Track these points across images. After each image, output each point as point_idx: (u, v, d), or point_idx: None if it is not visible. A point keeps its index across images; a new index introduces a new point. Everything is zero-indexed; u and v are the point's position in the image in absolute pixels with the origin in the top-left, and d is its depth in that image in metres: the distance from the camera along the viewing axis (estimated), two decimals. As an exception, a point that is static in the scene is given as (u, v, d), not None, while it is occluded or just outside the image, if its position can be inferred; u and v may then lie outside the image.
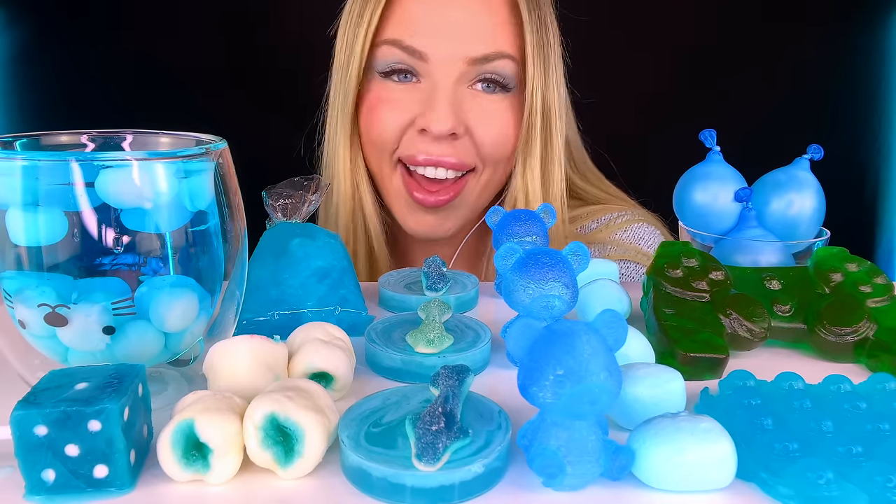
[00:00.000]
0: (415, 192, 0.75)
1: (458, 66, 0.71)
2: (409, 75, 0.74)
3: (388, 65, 0.74)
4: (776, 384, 0.40)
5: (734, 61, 1.09)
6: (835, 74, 1.11)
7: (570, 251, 0.39)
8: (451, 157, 0.73)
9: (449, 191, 0.75)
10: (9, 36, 1.06)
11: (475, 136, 0.74)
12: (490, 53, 0.72)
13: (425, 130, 0.72)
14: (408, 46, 0.72)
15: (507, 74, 0.73)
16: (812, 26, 1.08)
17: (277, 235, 0.52)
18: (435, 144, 0.73)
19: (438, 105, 0.71)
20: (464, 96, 0.73)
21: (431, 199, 0.75)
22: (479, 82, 0.73)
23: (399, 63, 0.73)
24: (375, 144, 0.76)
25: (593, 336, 0.30)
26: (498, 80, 0.73)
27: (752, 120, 1.04)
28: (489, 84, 0.74)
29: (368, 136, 0.77)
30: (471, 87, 0.73)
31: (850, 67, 1.12)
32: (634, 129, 1.08)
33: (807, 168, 0.59)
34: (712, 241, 0.60)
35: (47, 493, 0.31)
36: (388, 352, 0.44)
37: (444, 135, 0.71)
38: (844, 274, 0.50)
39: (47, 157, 0.37)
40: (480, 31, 0.72)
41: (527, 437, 0.33)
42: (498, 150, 0.75)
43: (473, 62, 0.72)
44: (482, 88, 0.74)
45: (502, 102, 0.75)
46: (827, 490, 0.30)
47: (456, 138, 0.73)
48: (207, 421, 0.32)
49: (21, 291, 0.38)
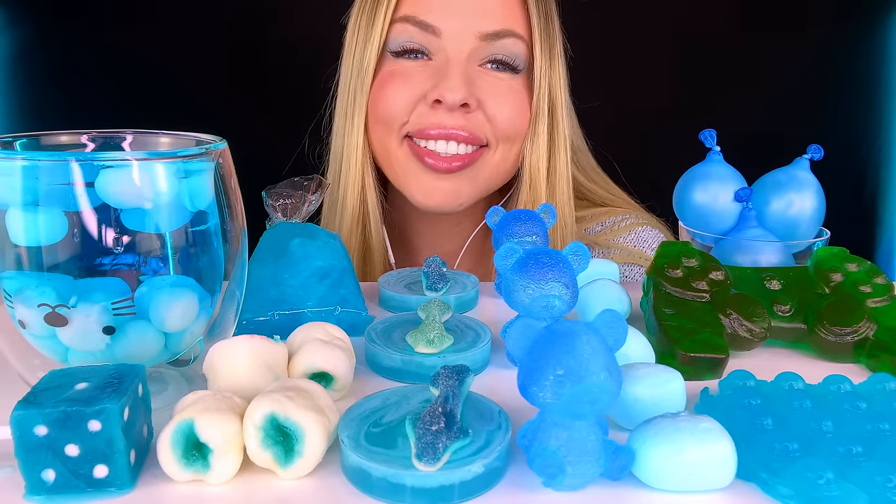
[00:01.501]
0: (426, 157, 0.74)
1: (469, 41, 0.72)
2: (421, 55, 0.74)
3: (401, 44, 0.74)
4: (776, 384, 0.40)
5: (734, 61, 1.09)
6: (835, 75, 1.11)
7: (570, 251, 0.39)
8: (463, 129, 0.72)
9: (462, 158, 0.74)
10: (9, 36, 1.06)
11: (487, 111, 0.73)
12: (500, 30, 0.73)
13: (438, 102, 0.72)
14: (421, 21, 0.72)
15: (516, 54, 0.74)
16: (812, 26, 1.09)
17: (277, 235, 0.52)
18: (448, 115, 0.72)
19: (452, 75, 0.71)
20: (475, 73, 0.73)
21: (443, 165, 0.73)
22: (488, 63, 0.74)
23: (411, 41, 0.73)
24: (383, 120, 0.75)
25: (593, 336, 0.30)
26: (507, 62, 0.74)
27: (753, 120, 1.04)
28: (499, 65, 0.74)
29: (376, 112, 0.76)
30: (481, 66, 0.74)
31: (850, 68, 1.12)
32: (634, 129, 1.08)
33: (807, 168, 0.59)
34: (712, 241, 0.60)
35: (47, 493, 0.31)
36: (388, 352, 0.44)
37: (457, 104, 0.71)
38: (844, 274, 0.50)
39: (47, 157, 0.37)
40: (492, 9, 0.73)
41: (527, 437, 0.33)
42: (511, 126, 0.75)
43: (485, 37, 0.72)
44: (492, 68, 0.74)
45: (513, 81, 0.75)
46: (827, 490, 0.30)
47: (468, 111, 0.72)
48: (207, 421, 0.32)
49: (21, 291, 0.38)
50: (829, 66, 1.11)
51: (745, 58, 1.09)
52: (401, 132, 0.75)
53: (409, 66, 0.74)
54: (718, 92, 1.06)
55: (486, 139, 0.75)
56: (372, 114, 0.76)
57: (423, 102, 0.73)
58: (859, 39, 1.12)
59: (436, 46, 0.73)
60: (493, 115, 0.74)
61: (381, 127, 0.76)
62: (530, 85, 0.76)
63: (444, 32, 0.72)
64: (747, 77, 1.10)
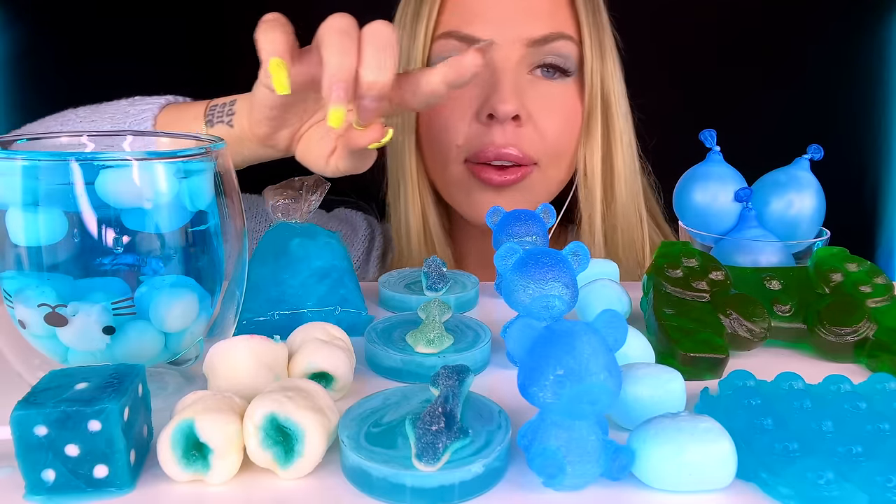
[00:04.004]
0: (482, 173, 0.72)
1: (517, 49, 0.70)
2: None
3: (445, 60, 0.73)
4: (776, 384, 0.40)
5: (734, 61, 1.09)
6: (835, 74, 1.11)
7: (570, 251, 0.39)
8: (514, 147, 0.70)
9: (515, 171, 0.71)
10: (8, 35, 1.06)
11: (539, 124, 0.71)
12: (549, 34, 0.70)
13: (491, 117, 0.69)
14: (465, 35, 0.70)
15: (567, 55, 0.72)
16: (812, 26, 1.09)
17: (277, 235, 0.52)
18: (500, 132, 0.69)
19: (502, 87, 0.69)
20: (525, 83, 0.71)
21: (498, 178, 0.71)
22: (538, 68, 0.72)
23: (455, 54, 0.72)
24: (439, 144, 0.74)
25: (593, 336, 0.30)
26: (558, 65, 0.72)
27: (752, 120, 1.04)
28: (549, 69, 0.72)
29: (428, 136, 0.74)
30: (531, 72, 0.72)
31: (850, 67, 1.12)
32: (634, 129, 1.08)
33: (807, 168, 0.59)
34: (712, 241, 0.60)
35: (47, 493, 0.31)
36: (388, 352, 0.44)
37: (509, 116, 0.68)
38: (844, 274, 0.50)
39: (47, 157, 0.37)
40: (538, 12, 0.70)
41: (527, 437, 0.33)
42: (562, 141, 0.73)
43: (533, 43, 0.70)
44: (542, 74, 0.72)
45: (564, 88, 0.73)
46: (827, 490, 0.30)
47: (520, 125, 0.70)
48: (207, 421, 0.32)
49: (21, 291, 0.38)
50: (829, 66, 1.11)
51: (745, 57, 1.09)
52: (458, 156, 0.73)
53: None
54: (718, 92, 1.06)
55: (536, 157, 0.72)
56: (425, 136, 0.75)
57: (475, 120, 0.71)
58: (859, 39, 1.12)
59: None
60: (545, 127, 0.72)
61: (434, 149, 0.74)
62: (583, 86, 0.73)
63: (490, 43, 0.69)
64: (747, 77, 1.10)
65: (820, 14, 1.08)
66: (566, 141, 0.74)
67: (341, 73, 0.45)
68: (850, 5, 1.10)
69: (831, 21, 1.09)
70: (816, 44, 1.09)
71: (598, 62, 0.72)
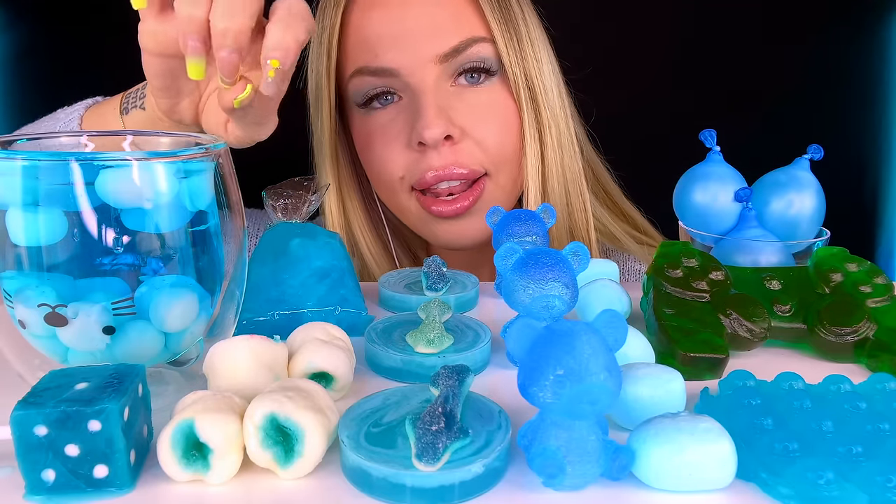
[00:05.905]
0: (432, 206, 0.71)
1: (431, 69, 0.68)
2: (389, 96, 0.71)
3: (364, 95, 0.71)
4: (776, 384, 0.40)
5: (734, 61, 1.09)
6: (835, 75, 1.11)
7: (570, 251, 0.39)
8: (455, 165, 0.69)
9: (467, 197, 0.70)
10: (9, 35, 1.06)
11: (476, 136, 0.70)
12: (458, 44, 0.68)
13: (422, 144, 0.68)
14: (377, 69, 0.69)
15: (484, 57, 0.69)
16: (812, 26, 1.09)
17: (277, 235, 0.52)
18: (437, 156, 0.68)
19: (425, 111, 0.67)
20: (450, 98, 0.69)
21: (449, 209, 0.71)
22: (460, 76, 0.70)
23: (373, 89, 0.71)
24: (383, 180, 0.73)
25: (593, 336, 0.30)
26: (478, 67, 0.69)
27: (753, 120, 1.04)
28: (471, 74, 0.70)
29: (372, 173, 0.75)
30: (454, 83, 0.70)
31: (850, 68, 1.12)
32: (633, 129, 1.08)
33: (807, 168, 0.59)
34: (712, 241, 0.60)
35: (47, 493, 0.31)
36: (388, 352, 0.44)
37: (438, 139, 0.67)
38: (844, 274, 0.50)
39: (47, 157, 0.37)
40: (441, 25, 0.68)
41: (527, 437, 0.33)
42: (505, 146, 0.71)
43: (444, 58, 0.68)
44: (467, 81, 0.70)
45: (492, 91, 0.70)
46: (827, 490, 0.30)
47: (455, 143, 0.69)
48: (207, 421, 0.32)
49: (21, 291, 0.38)
50: (829, 67, 1.11)
51: (745, 57, 1.09)
52: (404, 186, 0.72)
53: (382, 117, 0.71)
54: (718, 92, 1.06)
55: (482, 168, 0.71)
56: (367, 168, 0.75)
57: (409, 149, 0.70)
58: (859, 39, 1.12)
59: (399, 84, 0.70)
60: (483, 139, 0.70)
61: (385, 185, 0.74)
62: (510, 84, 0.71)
63: (401, 70, 0.68)
64: (747, 76, 1.10)
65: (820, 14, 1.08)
66: (509, 144, 0.71)
67: (192, 23, 0.45)
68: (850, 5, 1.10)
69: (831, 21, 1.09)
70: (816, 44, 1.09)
71: (515, 56, 0.70)
